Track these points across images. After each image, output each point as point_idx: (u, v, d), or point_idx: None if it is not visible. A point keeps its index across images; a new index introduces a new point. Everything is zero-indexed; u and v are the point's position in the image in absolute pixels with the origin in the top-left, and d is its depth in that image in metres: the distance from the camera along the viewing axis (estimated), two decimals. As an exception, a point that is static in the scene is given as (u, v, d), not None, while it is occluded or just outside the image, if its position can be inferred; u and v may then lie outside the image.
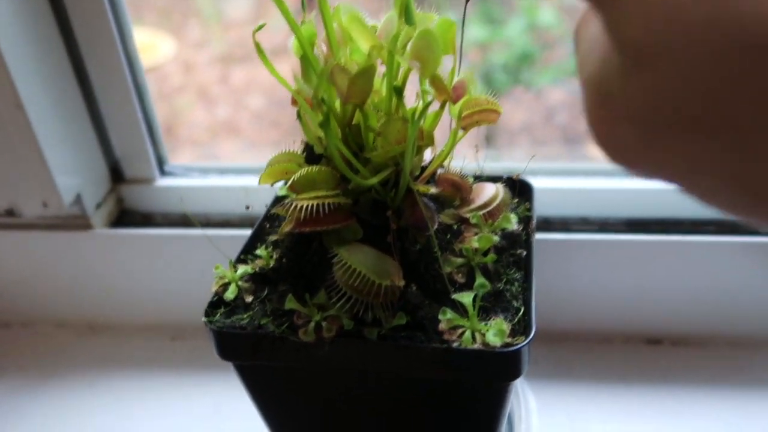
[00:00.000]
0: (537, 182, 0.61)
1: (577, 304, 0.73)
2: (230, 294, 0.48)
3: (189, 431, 0.69)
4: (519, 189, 0.56)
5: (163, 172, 0.80)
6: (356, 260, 0.42)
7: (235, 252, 0.58)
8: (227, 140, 1.96)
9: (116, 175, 0.79)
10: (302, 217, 0.44)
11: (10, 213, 0.75)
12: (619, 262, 0.70)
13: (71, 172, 0.72)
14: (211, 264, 0.76)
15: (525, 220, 0.53)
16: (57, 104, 0.69)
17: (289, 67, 0.49)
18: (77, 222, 0.75)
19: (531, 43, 1.55)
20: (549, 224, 0.73)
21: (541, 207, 0.72)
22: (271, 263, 0.50)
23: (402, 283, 0.43)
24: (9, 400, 0.74)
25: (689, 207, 0.71)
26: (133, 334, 0.82)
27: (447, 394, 0.46)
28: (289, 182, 0.46)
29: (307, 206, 0.43)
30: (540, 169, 0.76)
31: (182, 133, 1.95)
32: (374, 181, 0.44)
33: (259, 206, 0.78)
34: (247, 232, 0.74)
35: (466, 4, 0.50)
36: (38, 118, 0.66)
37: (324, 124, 0.42)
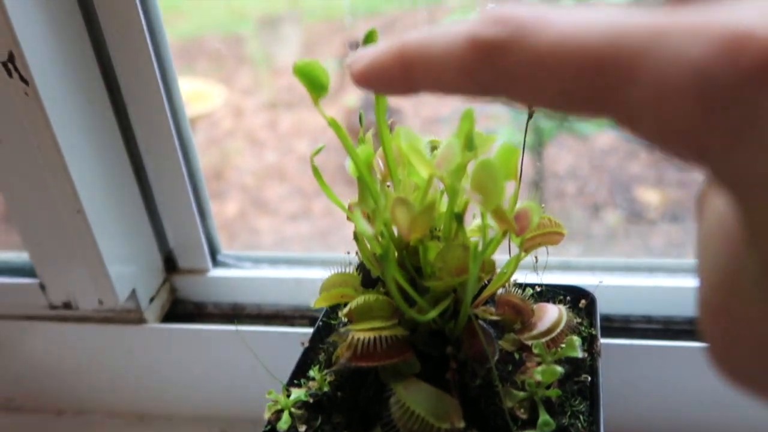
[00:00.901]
0: (596, 279, 0.58)
1: (643, 411, 0.69)
2: (283, 424, 0.46)
3: None
4: (579, 298, 0.54)
5: (215, 262, 0.80)
6: (414, 400, 0.41)
7: (287, 347, 0.57)
8: (275, 185, 1.98)
9: (170, 265, 0.80)
10: (359, 350, 0.42)
11: (67, 306, 0.76)
12: (687, 368, 0.66)
13: (127, 266, 0.73)
14: (262, 359, 0.75)
15: (588, 338, 0.51)
16: (115, 202, 0.70)
17: (334, 112, 0.47)
18: (131, 316, 0.75)
19: None
20: (610, 322, 0.70)
21: (602, 304, 0.69)
22: (325, 387, 0.48)
23: (462, 425, 0.41)
24: (59, 495, 0.74)
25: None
26: (181, 426, 0.82)
27: None
28: (346, 310, 0.44)
29: (365, 340, 0.42)
30: (599, 264, 0.73)
31: (231, 178, 1.98)
32: (433, 314, 0.42)
33: (310, 297, 0.77)
34: (300, 330, 0.74)
35: (528, 121, 0.49)
36: (97, 219, 0.67)
37: (383, 258, 0.41)
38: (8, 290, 0.76)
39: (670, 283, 0.69)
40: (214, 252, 0.80)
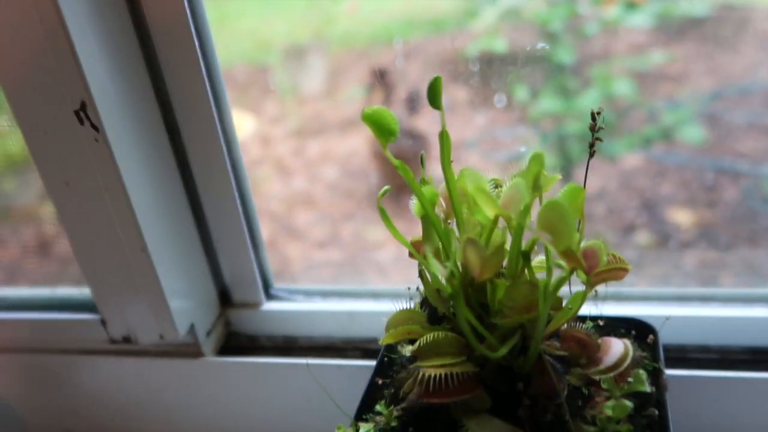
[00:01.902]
0: (651, 309, 0.59)
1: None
2: (354, 459, 0.47)
3: None
4: (640, 330, 0.54)
5: (268, 296, 0.82)
6: (488, 436, 0.41)
7: (340, 380, 0.57)
8: (304, 211, 2.01)
9: (225, 299, 0.81)
10: (430, 387, 0.43)
11: (127, 340, 0.78)
12: (747, 401, 0.66)
13: (186, 301, 0.75)
14: (315, 390, 0.77)
15: (653, 372, 0.51)
16: (175, 241, 0.72)
17: (360, 138, 0.49)
18: (189, 349, 0.77)
19: (605, 113, 1.53)
20: (666, 351, 0.70)
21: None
22: (393, 422, 0.49)
23: (535, 460, 0.42)
24: None
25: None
26: (239, 457, 0.83)
27: None
28: (415, 347, 0.45)
29: (435, 377, 0.43)
30: (654, 294, 0.73)
31: (260, 205, 2.01)
32: (503, 351, 0.43)
33: (362, 330, 0.78)
34: (354, 362, 0.75)
35: (588, 161, 0.50)
36: (159, 257, 0.69)
37: (454, 297, 0.42)
38: (70, 325, 0.79)
39: (727, 312, 0.69)
40: (267, 286, 0.82)
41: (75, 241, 0.71)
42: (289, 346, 0.81)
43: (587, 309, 0.55)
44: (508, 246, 0.46)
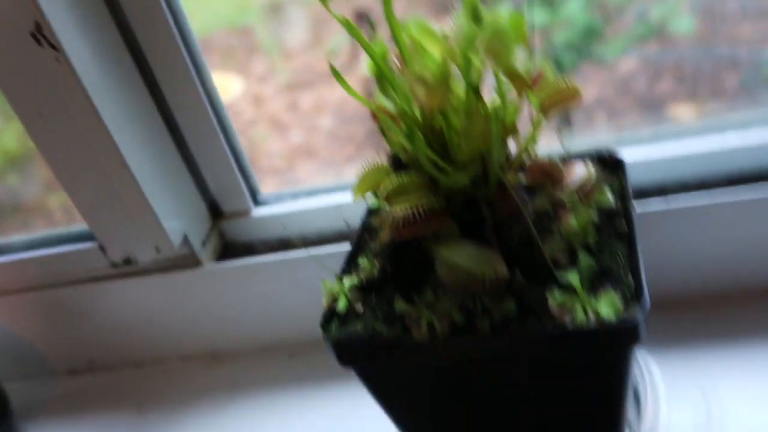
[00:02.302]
0: (626, 153, 0.60)
1: (689, 267, 0.71)
2: (341, 306, 0.50)
3: (320, 443, 0.72)
4: (609, 163, 0.56)
5: (257, 202, 0.84)
6: (458, 257, 0.44)
7: (337, 266, 0.61)
8: (305, 163, 2.02)
9: (215, 212, 0.84)
10: (399, 225, 0.45)
11: (127, 262, 0.81)
12: (727, 223, 0.68)
13: (176, 216, 0.77)
14: (314, 280, 0.79)
15: (620, 193, 0.53)
16: (155, 156, 0.74)
17: (352, 83, 0.51)
18: (187, 261, 0.80)
19: (593, 18, 1.52)
20: (646, 194, 0.72)
21: (635, 176, 0.71)
22: (375, 272, 0.52)
23: (506, 271, 0.44)
24: (152, 433, 0.80)
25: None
26: (253, 358, 0.87)
27: (566, 374, 0.46)
28: (383, 192, 0.48)
29: (404, 214, 0.45)
30: (627, 138, 0.75)
31: (263, 164, 2.03)
32: (464, 180, 0.45)
33: (354, 219, 0.81)
34: (345, 247, 0.77)
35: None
36: (141, 173, 0.71)
37: (409, 135, 0.44)
38: (71, 257, 0.82)
39: (700, 144, 0.70)
40: (254, 193, 0.84)
41: (58, 171, 0.73)
42: (284, 247, 0.83)
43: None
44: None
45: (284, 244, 0.84)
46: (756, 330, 0.68)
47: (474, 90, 0.46)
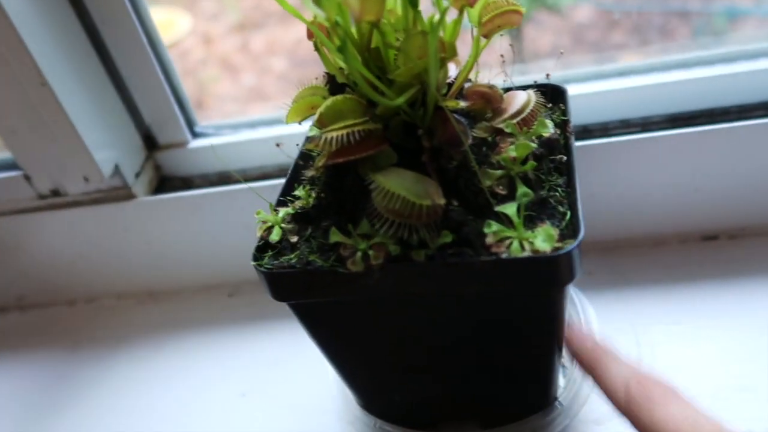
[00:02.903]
0: (570, 89, 0.59)
1: (627, 209, 0.71)
2: (275, 236, 0.48)
3: (257, 379, 0.71)
4: (552, 95, 0.54)
5: (194, 134, 0.81)
6: (393, 184, 0.42)
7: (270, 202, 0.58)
8: (257, 106, 1.96)
9: (150, 142, 0.80)
10: (334, 148, 0.43)
11: (55, 193, 0.76)
12: (666, 160, 0.68)
13: (106, 145, 0.73)
14: (254, 217, 0.77)
15: (562, 124, 0.52)
16: (81, 79, 0.69)
17: (304, 29, 0.47)
18: (120, 193, 0.76)
19: None
20: (589, 132, 0.71)
21: (579, 115, 0.70)
22: (311, 202, 0.50)
23: (443, 201, 0.42)
24: (84, 371, 0.78)
25: (734, 93, 0.68)
26: (191, 297, 0.85)
27: (502, 307, 0.45)
28: (316, 116, 0.45)
29: (338, 137, 0.43)
30: (572, 76, 0.73)
31: (212, 106, 1.96)
32: (401, 100, 0.43)
33: (294, 152, 0.78)
34: (282, 182, 0.75)
35: None
36: (65, 94, 0.66)
37: (342, 49, 0.41)
38: (-5, 187, 0.77)
39: (644, 81, 0.69)
40: (191, 124, 0.80)
41: (-25, 91, 0.67)
42: (223, 182, 0.80)
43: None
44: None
45: (224, 179, 0.80)
46: (690, 274, 0.69)
47: (411, 3, 0.43)
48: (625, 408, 0.42)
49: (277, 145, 0.54)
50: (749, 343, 0.60)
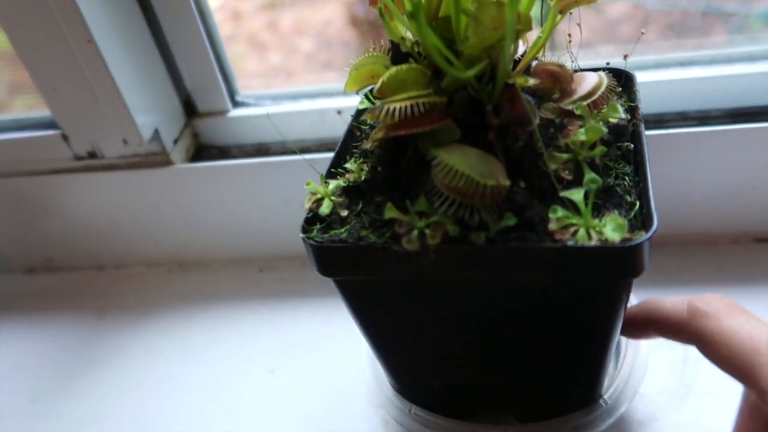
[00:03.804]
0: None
1: (677, 205, 0.69)
2: (325, 209, 0.46)
3: (286, 356, 0.69)
4: (619, 80, 0.52)
5: (235, 103, 0.79)
6: (457, 161, 0.40)
7: (315, 177, 0.56)
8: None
9: (189, 109, 0.78)
10: (396, 119, 0.41)
11: (92, 155, 0.75)
12: (722, 156, 0.65)
13: (146, 109, 0.72)
14: (293, 191, 0.75)
15: (630, 111, 0.49)
16: (126, 40, 0.68)
17: (334, 6, 0.45)
18: (157, 159, 0.75)
19: None
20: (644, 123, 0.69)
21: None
22: (363, 176, 0.48)
23: (507, 182, 0.40)
24: (109, 337, 0.77)
25: (801, 91, 0.65)
26: (221, 269, 0.83)
27: (561, 297, 0.43)
28: (377, 85, 0.43)
29: (401, 108, 0.41)
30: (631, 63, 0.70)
31: (239, 83, 1.95)
32: (471, 73, 0.40)
33: (335, 129, 0.76)
34: (326, 155, 0.73)
35: None
36: (109, 53, 0.65)
37: (413, 15, 0.39)
38: (31, 144, 0.76)
39: (705, 73, 0.66)
40: (232, 92, 0.79)
41: (18, 43, 0.66)
42: (261, 153, 0.79)
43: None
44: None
45: (261, 150, 0.79)
46: (741, 277, 0.66)
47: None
48: (690, 325, 0.40)
49: (339, 112, 0.52)
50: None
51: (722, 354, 0.38)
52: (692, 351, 0.59)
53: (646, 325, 0.44)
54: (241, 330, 0.74)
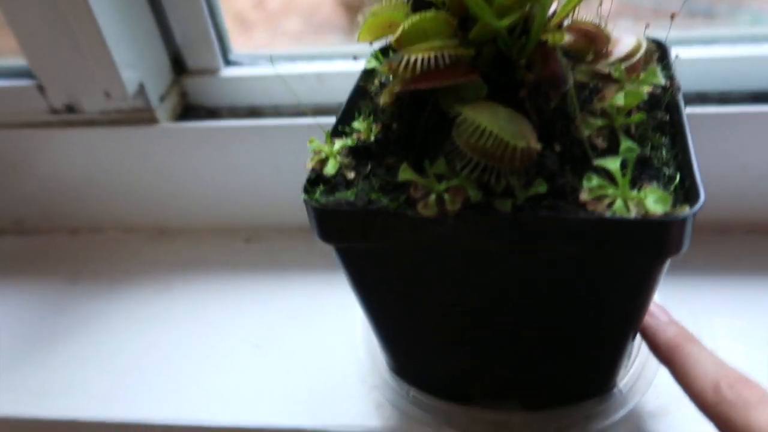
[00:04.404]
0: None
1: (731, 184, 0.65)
2: (330, 169, 0.42)
3: (272, 331, 0.65)
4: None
5: (227, 62, 0.74)
6: (485, 119, 0.36)
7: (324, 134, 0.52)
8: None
9: (178, 66, 0.73)
10: (417, 70, 0.37)
11: (70, 109, 0.70)
12: (743, 139, 0.62)
13: (132, 61, 0.66)
14: (285, 157, 0.71)
15: (667, 79, 0.45)
16: (112, -18, 0.62)
17: None
18: (141, 116, 0.70)
19: None
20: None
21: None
22: (373, 136, 0.44)
23: (539, 146, 0.36)
24: (85, 304, 0.72)
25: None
26: (205, 238, 0.78)
27: (589, 275, 0.39)
28: (396, 34, 0.39)
29: (423, 59, 0.36)
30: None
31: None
32: (505, 23, 0.36)
33: (333, 94, 0.71)
34: (326, 119, 0.68)
35: None
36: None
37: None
38: (2, 95, 0.70)
39: (728, 52, 0.63)
40: (225, 50, 0.74)
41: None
42: (254, 117, 0.74)
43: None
44: None
45: (255, 114, 0.74)
46: (757, 268, 0.63)
47: None
48: (713, 409, 0.38)
49: (355, 58, 0.47)
50: (821, 347, 0.55)
51: None
52: (707, 339, 0.56)
53: (669, 365, 0.42)
54: (224, 302, 0.70)
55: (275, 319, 0.66)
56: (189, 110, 0.75)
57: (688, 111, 0.59)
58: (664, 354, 0.42)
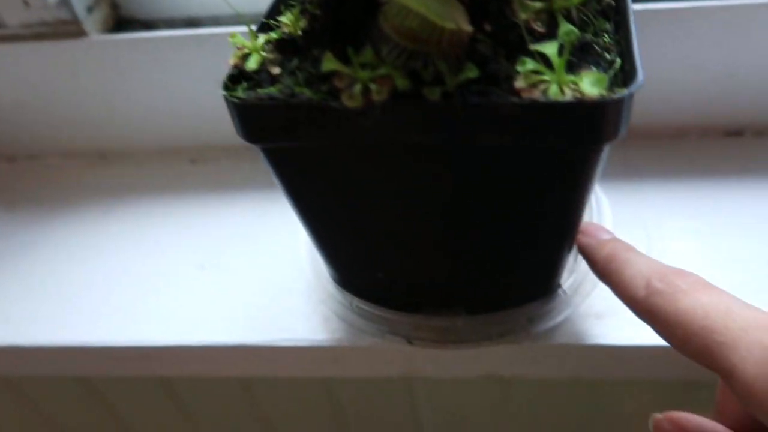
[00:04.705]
0: None
1: (647, 95, 0.63)
2: (252, 64, 0.39)
3: (217, 251, 0.63)
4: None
5: (160, -31, 0.69)
6: (411, -1, 0.33)
7: None
8: None
9: (106, -26, 0.68)
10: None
11: (-10, 23, 0.65)
12: (695, 38, 0.59)
13: (52, -32, 0.62)
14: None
15: (609, -36, 0.43)
16: None
17: None
18: (68, 29, 0.65)
19: None
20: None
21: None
22: (302, 29, 0.41)
23: (469, 29, 0.34)
24: (23, 233, 0.69)
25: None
26: (148, 161, 0.75)
27: (524, 165, 0.38)
28: None
29: (344, -67, 0.33)
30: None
31: None
32: None
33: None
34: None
35: None
36: None
37: None
38: None
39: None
40: (157, -44, 0.69)
41: None
42: (192, 27, 0.69)
43: None
44: None
45: (192, 24, 0.70)
46: (709, 171, 0.62)
47: None
48: (644, 304, 0.35)
49: None
50: (768, 245, 0.55)
51: (678, 337, 0.33)
52: (656, 243, 0.56)
53: (604, 273, 0.40)
54: (168, 225, 0.67)
55: (220, 239, 0.64)
56: (121, 23, 0.70)
57: (637, 7, 0.57)
58: (601, 268, 0.40)
